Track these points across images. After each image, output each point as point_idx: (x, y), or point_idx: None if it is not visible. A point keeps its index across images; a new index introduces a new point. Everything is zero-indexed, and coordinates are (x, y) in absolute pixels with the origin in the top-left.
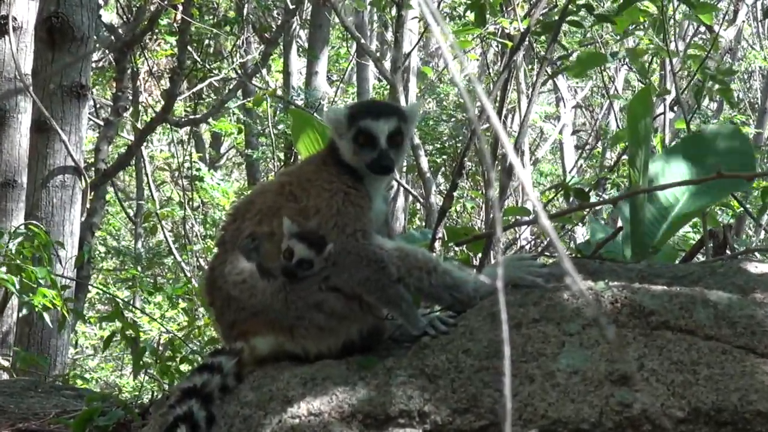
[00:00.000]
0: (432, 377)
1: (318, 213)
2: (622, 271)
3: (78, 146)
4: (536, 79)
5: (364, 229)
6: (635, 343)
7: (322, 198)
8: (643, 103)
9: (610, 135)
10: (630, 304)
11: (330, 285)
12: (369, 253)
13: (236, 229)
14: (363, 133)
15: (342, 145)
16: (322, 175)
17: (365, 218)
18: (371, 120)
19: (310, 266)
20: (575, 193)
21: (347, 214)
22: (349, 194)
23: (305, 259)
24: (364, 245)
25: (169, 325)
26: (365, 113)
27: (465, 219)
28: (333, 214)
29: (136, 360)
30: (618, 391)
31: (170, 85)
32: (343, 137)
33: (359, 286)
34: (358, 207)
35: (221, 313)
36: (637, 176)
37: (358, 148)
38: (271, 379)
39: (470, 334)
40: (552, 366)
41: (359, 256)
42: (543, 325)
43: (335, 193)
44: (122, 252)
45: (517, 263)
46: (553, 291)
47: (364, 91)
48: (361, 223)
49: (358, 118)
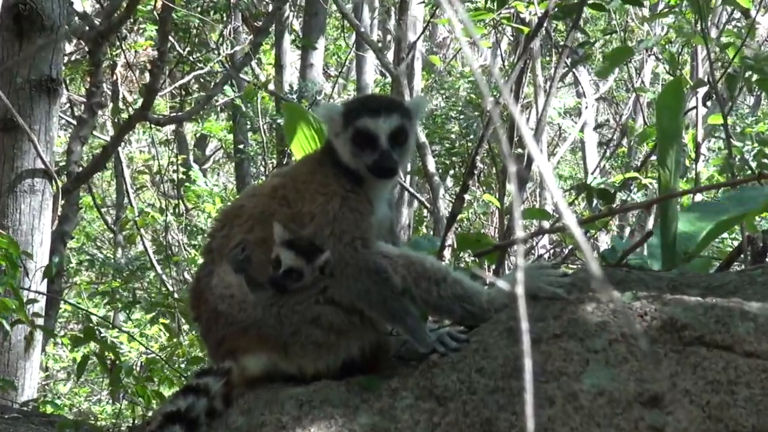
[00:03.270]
0: (442, 399)
1: (313, 220)
2: (652, 281)
3: (48, 147)
4: (555, 71)
5: (363, 236)
6: (667, 361)
7: (317, 203)
8: (673, 97)
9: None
10: (661, 317)
11: (328, 297)
12: (369, 263)
13: (224, 236)
14: (361, 132)
15: (339, 145)
16: (317, 178)
17: (365, 225)
18: (370, 118)
19: (299, 277)
20: (599, 195)
21: (345, 221)
22: (347, 199)
23: (294, 269)
24: (363, 254)
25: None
26: (363, 110)
27: (477, 226)
28: (329, 221)
29: (113, 382)
30: (648, 413)
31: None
32: (340, 137)
33: (359, 300)
34: (357, 212)
35: (208, 330)
36: (668, 177)
37: (357, 149)
38: (264, 402)
39: (484, 351)
40: (575, 386)
41: (358, 266)
42: (565, 341)
43: (331, 198)
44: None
45: (536, 272)
46: (575, 303)
47: (365, 85)
48: (361, 230)
49: (354, 116)
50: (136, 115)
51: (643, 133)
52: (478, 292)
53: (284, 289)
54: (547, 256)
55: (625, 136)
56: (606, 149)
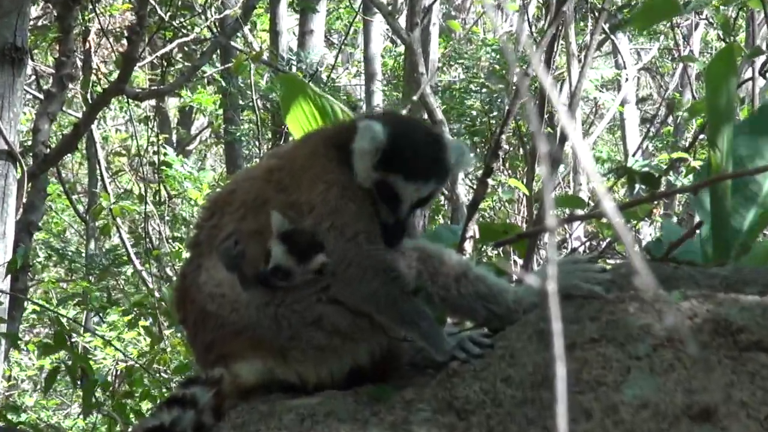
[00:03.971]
0: (462, 412)
1: (312, 211)
2: (703, 278)
3: (12, 125)
4: (590, 38)
5: (368, 230)
6: (720, 368)
7: (315, 191)
8: (725, 67)
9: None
10: (713, 318)
11: (331, 295)
12: (375, 261)
13: (214, 226)
14: (387, 188)
15: (358, 163)
16: (317, 162)
17: (369, 217)
18: (404, 180)
19: (286, 276)
20: (642, 179)
21: (347, 212)
22: (349, 188)
23: (281, 268)
24: (368, 251)
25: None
26: (402, 165)
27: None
28: (328, 213)
29: (86, 396)
30: (699, 429)
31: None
32: (365, 162)
33: (365, 303)
34: (360, 203)
35: (195, 333)
36: (720, 158)
37: (376, 195)
38: (259, 415)
39: (511, 358)
40: (614, 397)
41: (362, 265)
42: (603, 346)
43: (331, 186)
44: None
45: (570, 267)
46: (615, 303)
47: (372, 55)
48: (364, 222)
49: (389, 166)
50: (112, 89)
51: (691, 108)
52: (503, 290)
53: (271, 286)
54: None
55: (670, 113)
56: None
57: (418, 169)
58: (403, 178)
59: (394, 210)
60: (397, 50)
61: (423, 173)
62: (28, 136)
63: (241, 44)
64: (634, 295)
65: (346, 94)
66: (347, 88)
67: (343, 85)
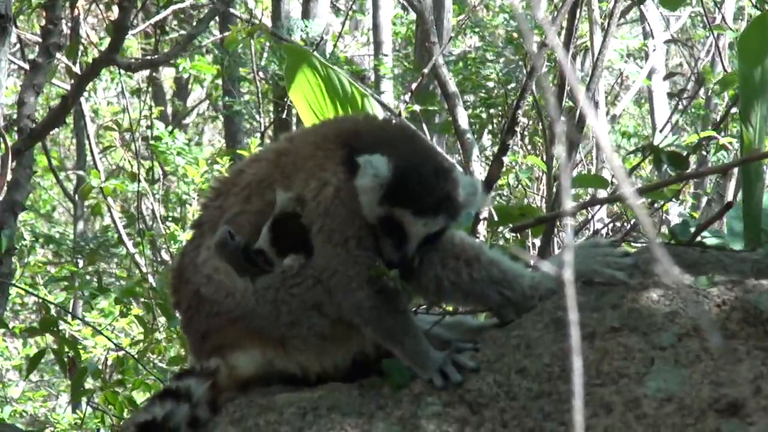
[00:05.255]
0: (475, 406)
1: (303, 207)
2: (732, 263)
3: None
4: (614, 4)
5: (359, 235)
6: (749, 360)
7: (309, 187)
8: (760, 36)
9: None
10: (743, 306)
11: None
12: (362, 269)
13: (218, 207)
14: (394, 224)
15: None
16: (318, 156)
17: (362, 221)
18: (413, 215)
19: (267, 263)
20: (668, 158)
21: (337, 217)
22: (343, 190)
23: (263, 253)
24: (357, 258)
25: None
26: (409, 198)
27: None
28: (319, 215)
29: (75, 386)
30: (726, 424)
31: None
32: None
33: (350, 315)
34: (352, 208)
35: (189, 319)
36: (753, 135)
37: (380, 232)
38: (258, 409)
39: (526, 348)
40: (637, 390)
41: (347, 275)
42: (625, 336)
43: (325, 185)
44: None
45: (590, 251)
46: (638, 290)
47: (380, 24)
48: (355, 228)
49: (396, 200)
50: (102, 59)
51: (723, 80)
52: (519, 275)
53: (252, 263)
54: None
55: (700, 86)
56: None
57: (426, 204)
58: (411, 213)
59: (399, 247)
60: (408, 17)
61: (432, 208)
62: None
63: (241, 11)
64: (659, 282)
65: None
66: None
67: (350, 55)
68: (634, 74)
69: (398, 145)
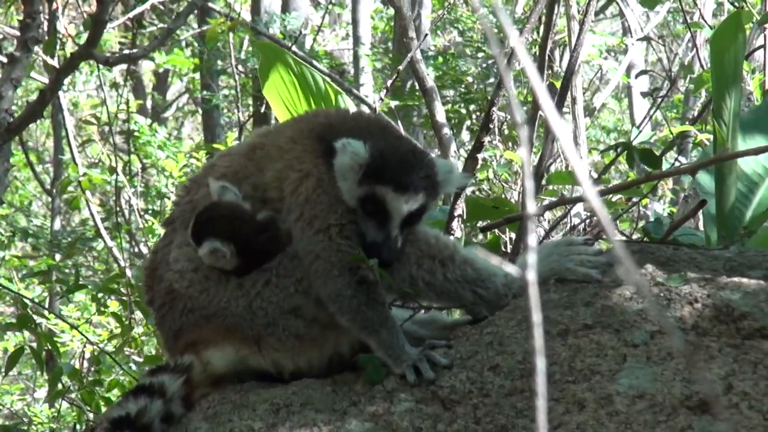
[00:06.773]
0: (448, 403)
1: (281, 199)
2: (705, 260)
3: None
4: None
5: (341, 223)
6: (721, 357)
7: (288, 180)
8: (732, 33)
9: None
10: (714, 304)
11: (305, 286)
12: (343, 257)
13: (189, 201)
14: (376, 201)
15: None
16: (295, 149)
17: (343, 210)
18: (394, 192)
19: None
20: (641, 156)
21: (318, 205)
22: (323, 180)
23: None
24: (339, 246)
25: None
26: (388, 176)
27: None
28: (299, 204)
29: (52, 383)
30: (698, 421)
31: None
32: (347, 179)
33: (328, 301)
34: (333, 196)
35: (163, 316)
36: (725, 132)
37: (362, 212)
38: (232, 405)
39: (499, 345)
40: (609, 387)
41: (329, 261)
42: (598, 333)
43: (305, 177)
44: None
45: (564, 249)
46: (611, 288)
47: (360, 19)
48: (337, 216)
49: (376, 178)
50: (80, 53)
51: (699, 78)
52: (493, 273)
53: None
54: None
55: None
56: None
57: (407, 180)
58: (393, 189)
59: (382, 226)
60: (388, 12)
61: (413, 184)
62: None
63: (220, 5)
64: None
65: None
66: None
67: (330, 49)
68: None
69: (373, 132)
